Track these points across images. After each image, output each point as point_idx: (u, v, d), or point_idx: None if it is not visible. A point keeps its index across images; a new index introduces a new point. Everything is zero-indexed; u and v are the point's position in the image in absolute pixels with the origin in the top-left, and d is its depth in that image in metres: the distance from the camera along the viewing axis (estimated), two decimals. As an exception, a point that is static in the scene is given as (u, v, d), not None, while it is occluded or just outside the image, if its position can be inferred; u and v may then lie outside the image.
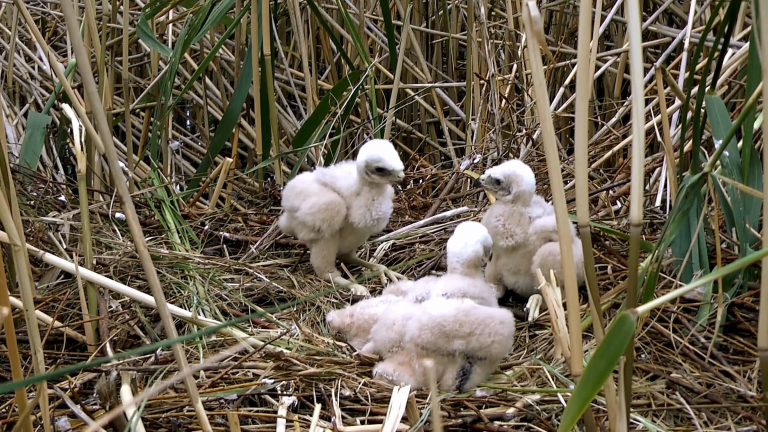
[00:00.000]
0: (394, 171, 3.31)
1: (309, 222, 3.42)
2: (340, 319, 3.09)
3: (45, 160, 4.86)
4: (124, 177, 2.70)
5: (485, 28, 4.40)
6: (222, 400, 2.65)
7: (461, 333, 2.76)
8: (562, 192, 2.16)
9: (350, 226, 3.44)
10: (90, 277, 3.03)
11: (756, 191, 2.91)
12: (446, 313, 2.78)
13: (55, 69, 4.15)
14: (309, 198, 3.43)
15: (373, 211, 3.39)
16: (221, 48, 5.39)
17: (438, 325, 2.76)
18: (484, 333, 2.76)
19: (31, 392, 2.52)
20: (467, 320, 2.76)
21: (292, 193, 3.50)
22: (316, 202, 3.41)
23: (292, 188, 3.52)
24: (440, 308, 2.80)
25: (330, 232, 3.42)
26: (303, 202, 3.44)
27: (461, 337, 2.75)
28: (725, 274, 2.96)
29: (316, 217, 3.40)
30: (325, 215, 3.40)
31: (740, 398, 2.66)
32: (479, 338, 2.75)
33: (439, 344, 2.77)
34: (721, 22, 3.11)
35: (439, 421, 2.50)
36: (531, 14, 2.07)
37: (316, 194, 3.44)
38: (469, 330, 2.76)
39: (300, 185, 3.50)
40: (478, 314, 2.79)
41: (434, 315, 2.78)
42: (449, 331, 2.76)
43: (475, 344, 2.75)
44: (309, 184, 3.49)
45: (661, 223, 3.60)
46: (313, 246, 3.52)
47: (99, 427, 2.39)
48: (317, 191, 3.45)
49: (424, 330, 2.77)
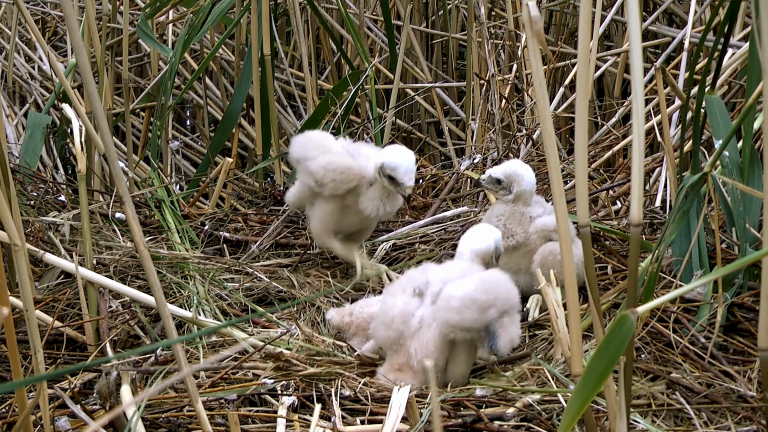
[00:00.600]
0: (402, 184, 3.29)
1: (318, 175, 3.36)
2: (339, 318, 3.09)
3: (45, 160, 4.86)
4: (124, 177, 2.70)
5: (485, 28, 4.40)
6: (222, 400, 2.65)
7: (490, 301, 2.72)
8: (562, 192, 2.16)
9: (356, 204, 3.41)
10: (90, 277, 3.03)
11: (756, 191, 2.91)
12: (471, 289, 2.74)
13: (55, 69, 4.15)
14: (328, 154, 3.38)
15: (387, 205, 3.38)
16: (221, 48, 5.39)
17: (472, 300, 2.72)
18: (503, 292, 2.75)
19: (31, 392, 2.52)
20: (490, 287, 2.75)
21: (310, 143, 3.43)
22: (335, 161, 3.36)
23: (310, 139, 3.46)
24: (464, 287, 2.76)
25: (330, 192, 3.37)
26: (321, 155, 3.38)
27: (491, 306, 2.72)
28: (725, 274, 2.96)
29: (327, 175, 3.35)
30: (336, 176, 3.35)
31: (740, 398, 2.66)
32: (504, 299, 2.74)
33: (480, 319, 2.72)
34: (721, 22, 3.11)
35: (439, 421, 2.50)
36: (531, 14, 2.07)
37: (338, 154, 3.39)
38: (495, 295, 2.74)
39: (321, 139, 3.45)
40: (493, 278, 2.78)
41: (461, 295, 2.74)
42: (483, 302, 2.72)
43: (502, 305, 2.74)
44: (332, 141, 3.44)
45: (661, 223, 3.60)
46: (310, 208, 3.48)
47: (99, 427, 2.39)
48: (339, 153, 3.40)
49: (463, 308, 2.72)
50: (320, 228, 3.47)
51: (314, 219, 3.48)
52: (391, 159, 3.29)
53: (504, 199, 3.29)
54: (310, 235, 3.74)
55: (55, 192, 4.12)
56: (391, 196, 3.38)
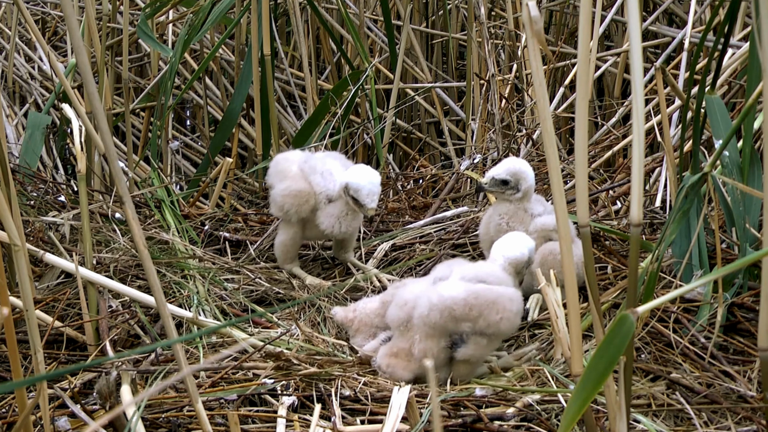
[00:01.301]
0: (364, 206, 3.35)
1: (279, 202, 3.49)
2: (343, 314, 3.11)
3: (45, 160, 4.86)
4: (124, 177, 2.70)
5: (485, 28, 4.40)
6: (222, 400, 2.65)
7: (470, 316, 2.77)
8: (562, 192, 2.16)
9: (316, 219, 3.48)
10: (90, 277, 3.03)
11: (756, 191, 2.91)
12: (457, 296, 2.79)
13: (55, 69, 4.15)
14: (285, 180, 3.50)
15: (343, 225, 3.44)
16: (221, 48, 5.39)
17: (447, 308, 2.77)
18: (492, 311, 2.77)
19: (31, 392, 2.52)
20: (477, 303, 2.77)
21: (274, 170, 3.59)
22: (289, 186, 3.48)
23: (275, 165, 3.60)
24: (452, 290, 2.81)
25: (297, 218, 3.48)
26: (279, 182, 3.52)
27: (470, 320, 2.77)
28: (725, 274, 2.96)
29: (286, 201, 3.47)
30: (293, 200, 3.45)
31: (740, 398, 2.66)
32: (487, 318, 2.76)
33: (448, 326, 2.78)
34: (721, 22, 3.11)
35: (439, 421, 2.50)
36: (531, 14, 2.07)
37: (292, 178, 3.50)
38: (477, 313, 2.77)
39: (282, 165, 3.58)
40: (488, 295, 2.79)
41: (445, 297, 2.79)
42: (459, 314, 2.77)
43: (483, 324, 2.77)
44: (290, 164, 3.56)
45: (661, 223, 3.60)
46: (278, 230, 3.59)
47: (99, 427, 2.39)
48: (294, 176, 3.51)
49: (434, 310, 2.78)
50: (281, 256, 3.58)
51: (279, 247, 3.58)
52: (355, 180, 3.36)
53: (513, 197, 3.29)
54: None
55: (55, 192, 4.12)
56: (352, 214, 3.43)
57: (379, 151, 4.55)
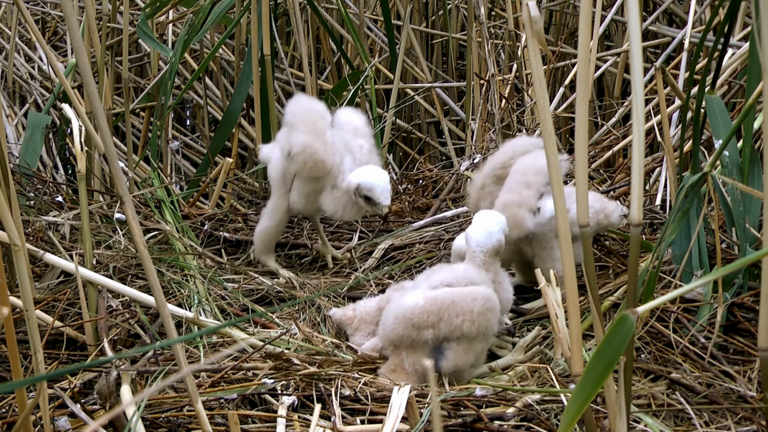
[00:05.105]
0: (379, 204, 3.32)
1: (295, 149, 3.35)
2: (342, 312, 3.12)
3: (45, 160, 4.86)
4: (124, 177, 2.70)
5: (485, 28, 4.40)
6: (222, 400, 2.65)
7: (429, 322, 2.76)
8: (562, 192, 2.16)
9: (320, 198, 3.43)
10: (90, 276, 3.03)
11: (756, 191, 2.91)
12: (414, 304, 2.78)
13: (55, 69, 4.15)
14: (313, 135, 3.35)
15: (346, 213, 3.41)
16: (221, 48, 5.39)
17: (407, 318, 2.77)
18: (451, 315, 2.76)
19: (31, 392, 2.52)
20: (433, 308, 2.76)
21: (302, 117, 3.40)
22: (315, 149, 3.34)
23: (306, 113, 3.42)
24: (410, 300, 2.80)
25: (295, 169, 3.38)
26: (307, 133, 3.36)
27: (429, 327, 2.76)
28: (725, 274, 2.96)
29: (300, 155, 3.34)
30: (308, 161, 3.33)
31: (740, 398, 2.66)
32: (447, 322, 2.76)
33: (413, 336, 2.78)
34: (721, 22, 3.11)
35: (439, 421, 2.50)
36: (531, 14, 2.07)
37: (321, 141, 3.35)
38: (437, 318, 2.76)
39: (314, 115, 3.41)
40: (446, 299, 2.78)
41: (404, 307, 2.79)
42: (417, 322, 2.77)
43: (445, 329, 2.76)
44: (325, 122, 3.41)
45: (661, 223, 3.60)
46: (262, 215, 3.54)
47: (99, 426, 2.39)
48: (323, 141, 3.36)
49: (396, 323, 2.79)
50: (261, 245, 3.55)
51: (258, 234, 3.55)
52: (367, 180, 3.31)
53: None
54: (308, 234, 3.74)
55: (55, 192, 4.12)
56: (356, 208, 3.39)
57: (379, 152, 4.55)
